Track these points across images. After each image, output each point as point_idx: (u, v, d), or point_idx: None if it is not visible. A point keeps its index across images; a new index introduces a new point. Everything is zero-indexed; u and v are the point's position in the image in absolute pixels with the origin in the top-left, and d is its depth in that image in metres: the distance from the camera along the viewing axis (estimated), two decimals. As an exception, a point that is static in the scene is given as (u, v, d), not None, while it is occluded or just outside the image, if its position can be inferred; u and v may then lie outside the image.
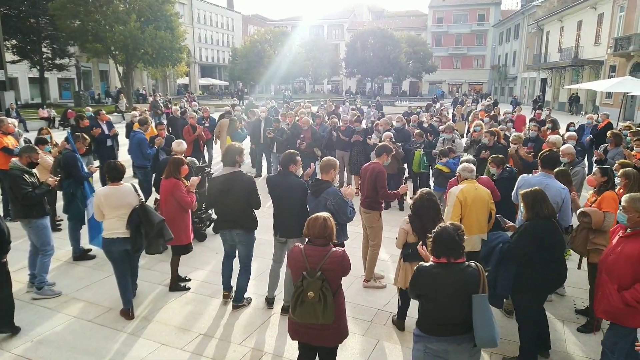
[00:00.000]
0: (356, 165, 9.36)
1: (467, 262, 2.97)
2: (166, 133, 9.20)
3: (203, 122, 11.74)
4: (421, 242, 3.58)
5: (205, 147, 11.68)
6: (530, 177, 5.10)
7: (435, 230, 3.01)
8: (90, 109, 15.06)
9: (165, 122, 14.80)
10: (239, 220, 4.85)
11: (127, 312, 4.85)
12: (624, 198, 3.62)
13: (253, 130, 11.57)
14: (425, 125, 11.11)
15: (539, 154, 5.32)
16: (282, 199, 4.81)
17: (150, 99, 27.15)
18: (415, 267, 3.10)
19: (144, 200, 4.91)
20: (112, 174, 4.79)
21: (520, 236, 3.97)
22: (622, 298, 3.38)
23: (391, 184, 7.88)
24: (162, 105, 22.35)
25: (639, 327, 3.60)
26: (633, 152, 7.29)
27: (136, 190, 4.86)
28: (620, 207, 3.60)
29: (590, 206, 4.76)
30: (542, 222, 3.88)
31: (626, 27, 27.03)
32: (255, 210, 4.94)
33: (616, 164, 5.89)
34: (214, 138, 11.92)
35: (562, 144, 7.10)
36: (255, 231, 5.03)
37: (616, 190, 4.82)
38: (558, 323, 4.88)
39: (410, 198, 4.81)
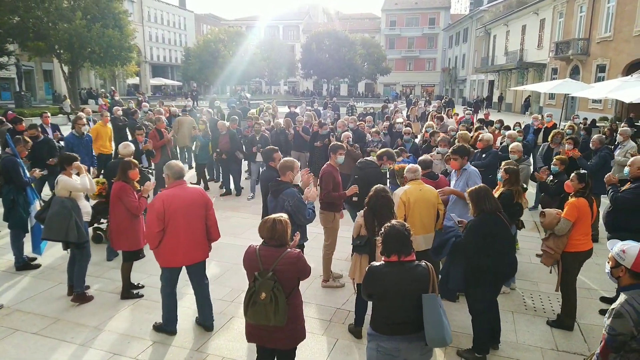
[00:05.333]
0: (318, 168, 9.36)
1: (417, 261, 3.01)
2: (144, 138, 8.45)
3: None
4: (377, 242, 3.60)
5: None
6: (470, 169, 5.58)
7: (383, 230, 3.04)
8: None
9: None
10: None
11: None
12: None
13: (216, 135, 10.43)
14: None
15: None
16: None
17: (101, 100, 26.02)
18: (367, 268, 3.12)
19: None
20: (61, 163, 5.26)
21: (468, 231, 4.15)
22: None
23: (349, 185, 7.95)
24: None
25: None
26: (566, 149, 7.74)
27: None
28: None
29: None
30: (487, 216, 4.05)
31: (565, 33, 28.67)
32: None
33: (554, 160, 6.28)
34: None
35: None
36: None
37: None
38: (508, 314, 5.09)
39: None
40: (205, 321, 4.67)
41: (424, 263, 3.01)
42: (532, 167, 8.52)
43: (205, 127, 10.61)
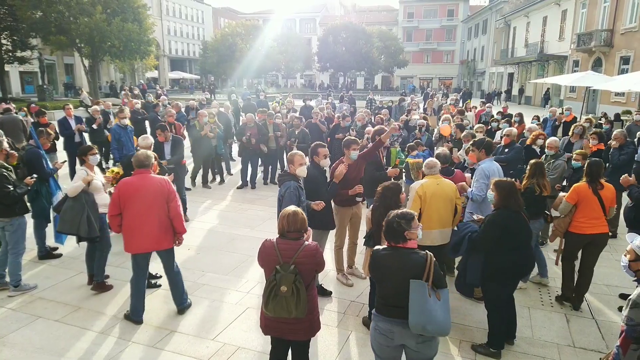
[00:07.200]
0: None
1: (415, 250, 3.02)
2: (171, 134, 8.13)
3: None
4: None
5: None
6: (482, 165, 5.31)
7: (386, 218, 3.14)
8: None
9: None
10: None
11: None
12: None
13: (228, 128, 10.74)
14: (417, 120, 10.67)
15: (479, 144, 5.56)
16: None
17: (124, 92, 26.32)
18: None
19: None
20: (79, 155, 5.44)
21: (486, 225, 4.10)
22: None
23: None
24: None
25: None
26: (590, 145, 7.60)
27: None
28: None
29: None
30: (508, 212, 4.01)
31: (588, 24, 27.94)
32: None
33: (574, 154, 6.19)
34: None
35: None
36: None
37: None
38: (524, 310, 5.05)
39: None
40: (178, 305, 4.89)
41: (423, 252, 3.02)
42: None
43: (215, 120, 10.66)
